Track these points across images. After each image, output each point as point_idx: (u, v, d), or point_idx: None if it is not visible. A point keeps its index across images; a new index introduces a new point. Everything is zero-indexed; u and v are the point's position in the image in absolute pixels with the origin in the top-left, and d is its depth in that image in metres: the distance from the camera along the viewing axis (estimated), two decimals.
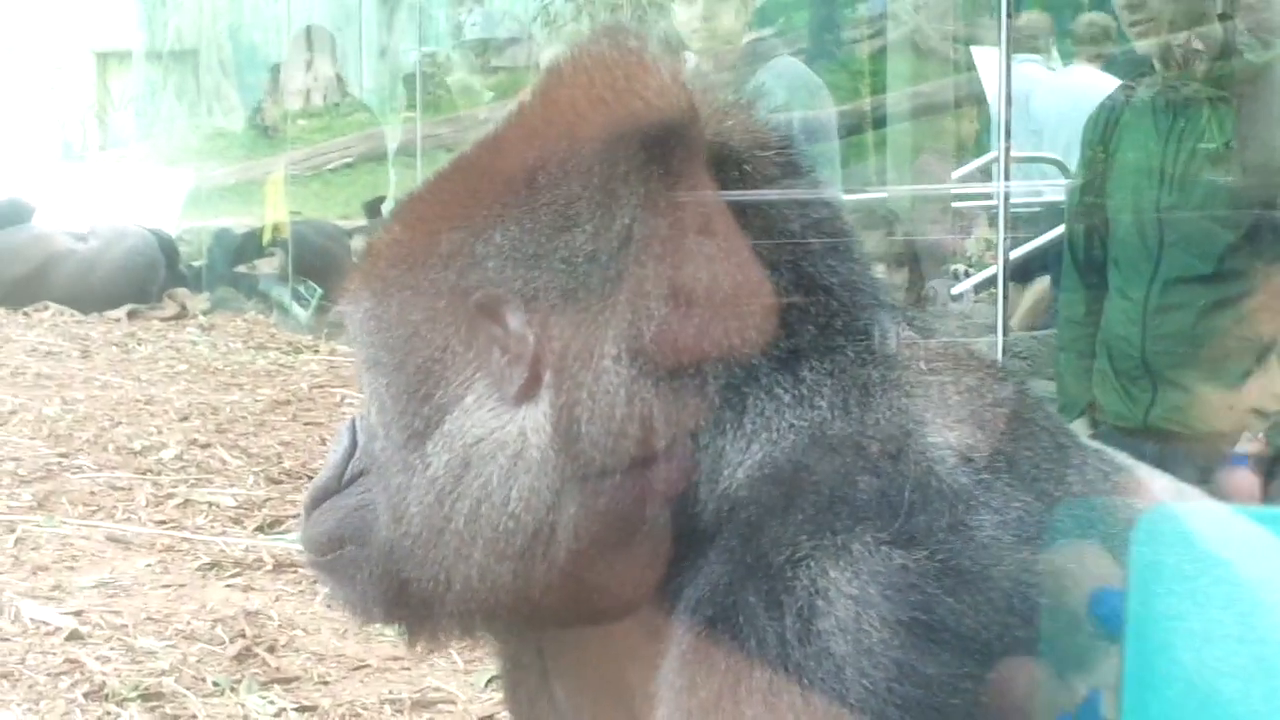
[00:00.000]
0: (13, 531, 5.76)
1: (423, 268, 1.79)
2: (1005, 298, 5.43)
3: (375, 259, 1.87)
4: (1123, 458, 1.96)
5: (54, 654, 4.50)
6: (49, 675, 4.33)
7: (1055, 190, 8.10)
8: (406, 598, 1.85)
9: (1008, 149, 5.56)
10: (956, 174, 8.80)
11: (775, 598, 1.60)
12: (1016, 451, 1.73)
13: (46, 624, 4.75)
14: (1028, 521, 1.67)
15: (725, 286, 1.75)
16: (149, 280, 13.13)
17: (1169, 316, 5.10)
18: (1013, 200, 6.30)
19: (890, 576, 1.58)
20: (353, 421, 1.94)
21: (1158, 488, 1.93)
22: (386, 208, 11.07)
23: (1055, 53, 9.78)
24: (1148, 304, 5.12)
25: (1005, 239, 5.50)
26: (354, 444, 1.93)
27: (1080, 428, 5.36)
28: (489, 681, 4.12)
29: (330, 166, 16.80)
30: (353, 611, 1.98)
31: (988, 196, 7.96)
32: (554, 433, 1.70)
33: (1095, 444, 1.96)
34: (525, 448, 1.72)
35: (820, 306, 1.83)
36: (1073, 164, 6.64)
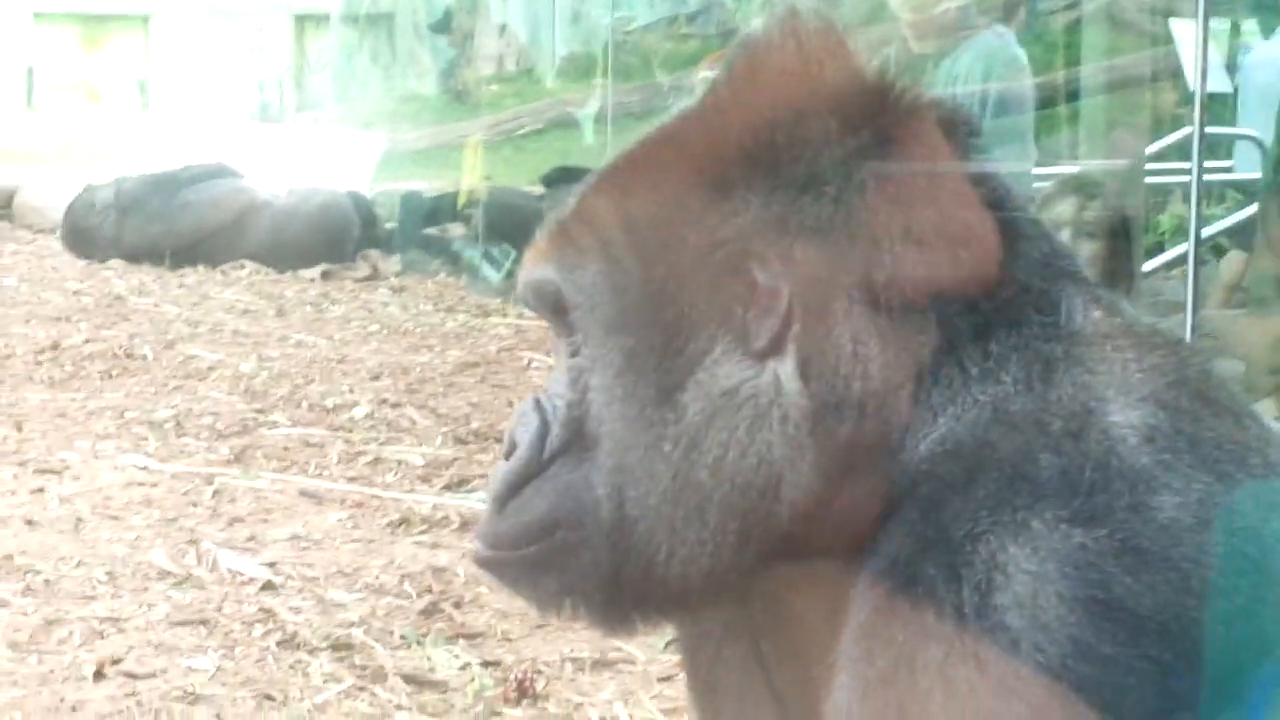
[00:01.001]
0: (210, 484, 5.94)
1: (663, 230, 1.81)
2: (1196, 276, 5.34)
3: (593, 223, 1.89)
4: None
5: (248, 603, 4.65)
6: (243, 623, 4.46)
7: (1251, 166, 7.97)
8: (625, 579, 1.84)
9: (1203, 124, 5.46)
10: (1151, 149, 8.65)
11: (954, 571, 1.62)
12: (1199, 432, 1.72)
13: (242, 574, 4.90)
14: (1208, 503, 1.67)
15: (940, 254, 1.78)
16: (342, 238, 13.39)
17: None
18: (1207, 177, 6.19)
19: (1069, 554, 1.58)
20: (537, 399, 1.91)
21: None
22: (574, 176, 11.13)
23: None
24: None
25: (1196, 217, 5.41)
26: (545, 423, 1.89)
27: (1268, 408, 5.27)
28: (668, 644, 4.16)
29: (521, 132, 16.95)
30: (556, 605, 1.92)
31: (1182, 173, 7.82)
32: (803, 383, 1.74)
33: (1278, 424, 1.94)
34: (776, 398, 1.74)
35: (1010, 279, 1.85)
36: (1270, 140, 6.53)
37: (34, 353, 8.54)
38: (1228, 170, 9.50)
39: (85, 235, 13.51)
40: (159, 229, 13.13)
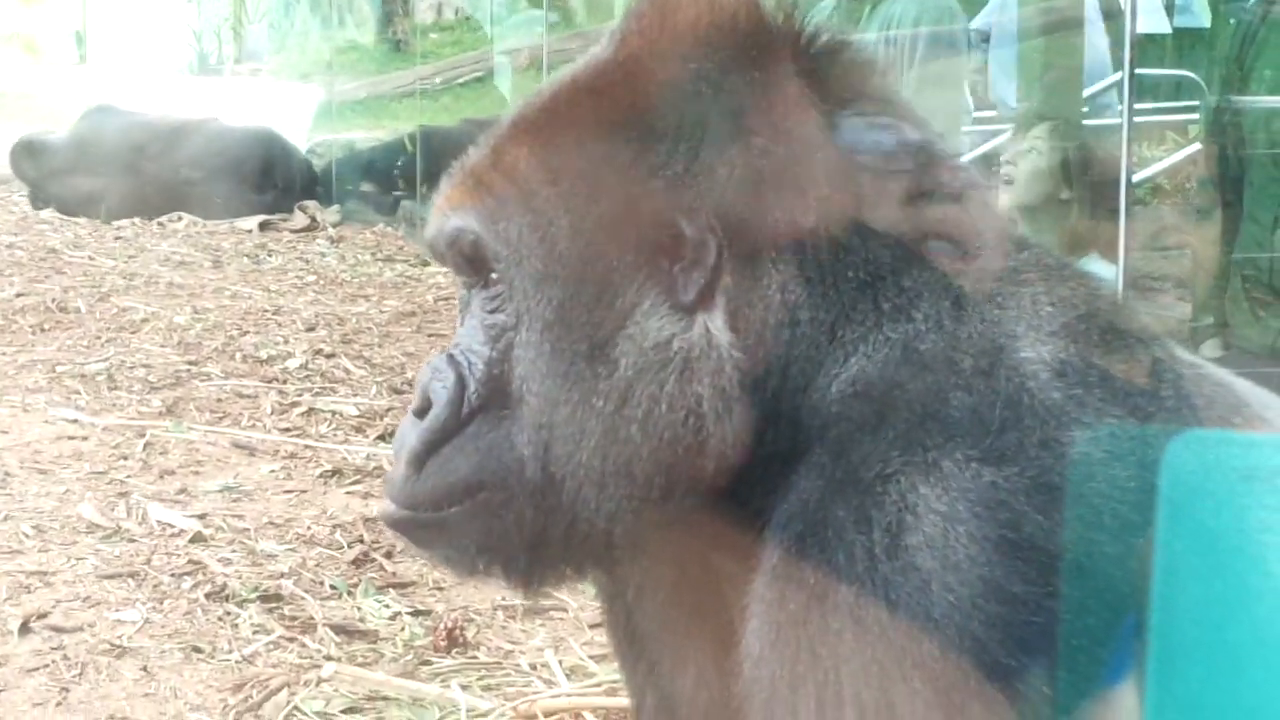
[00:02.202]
0: (142, 436, 5.89)
1: (590, 182, 1.81)
2: (1127, 218, 5.34)
3: (512, 173, 1.85)
4: (1223, 373, 1.93)
5: (178, 555, 4.61)
6: (173, 575, 4.43)
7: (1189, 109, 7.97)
8: (549, 537, 1.84)
9: (1133, 67, 5.45)
10: (1087, 92, 8.63)
11: (864, 513, 1.62)
12: (1110, 365, 1.72)
13: (171, 526, 4.86)
14: (1121, 437, 1.66)
15: (859, 194, 1.80)
16: (276, 162, 13.43)
17: None
18: (1141, 120, 6.19)
19: (979, 494, 1.59)
20: (450, 355, 1.89)
21: (1257, 403, 1.91)
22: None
23: None
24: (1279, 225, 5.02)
25: (1127, 159, 5.41)
26: (461, 379, 1.87)
27: (1212, 349, 5.29)
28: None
29: (461, 80, 16.82)
30: (476, 567, 1.93)
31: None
32: (733, 334, 1.74)
33: (1193, 358, 1.94)
34: (706, 350, 1.75)
35: (923, 216, 1.85)
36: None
37: None
38: (1177, 112, 9.49)
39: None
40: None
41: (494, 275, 1.86)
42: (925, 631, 1.58)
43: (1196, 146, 7.08)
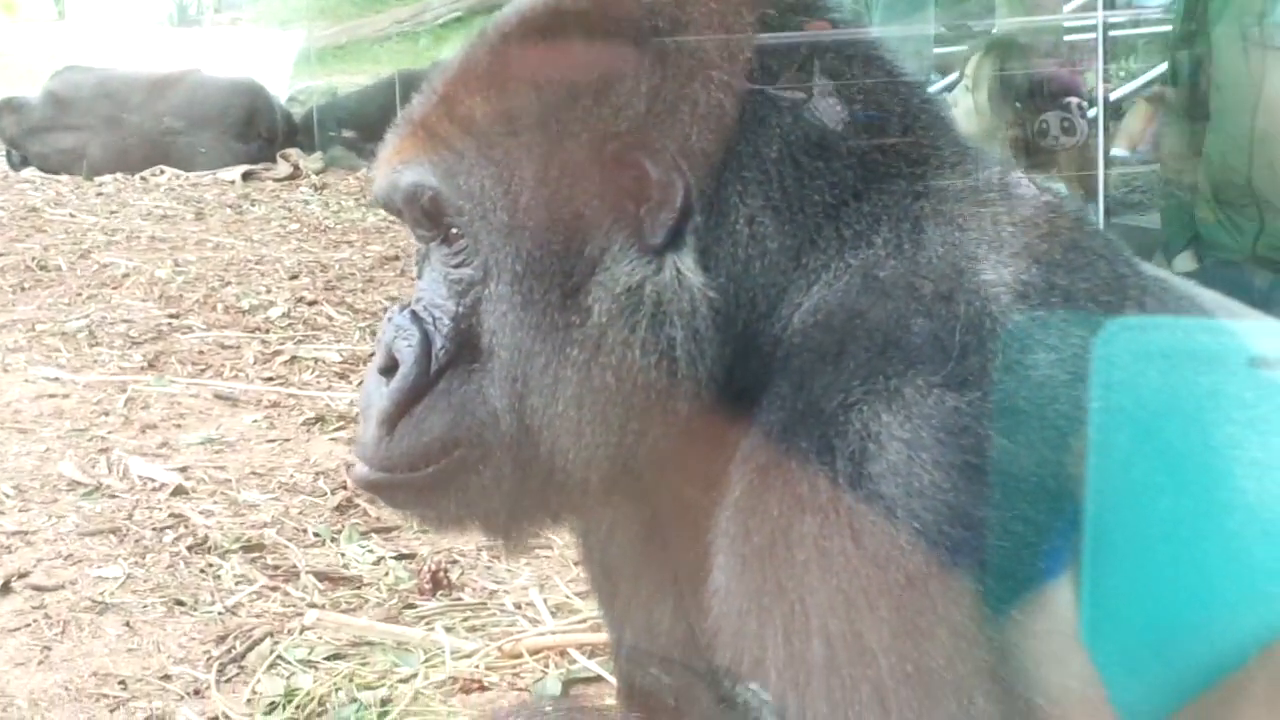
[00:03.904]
0: (123, 391, 5.86)
1: (550, 127, 1.77)
2: (1105, 131, 5.30)
3: (466, 123, 1.81)
4: (1189, 286, 1.91)
5: (159, 509, 4.59)
6: (154, 530, 4.41)
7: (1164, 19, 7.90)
8: (528, 489, 1.82)
9: None
10: (1069, 6, 8.57)
11: (827, 442, 1.60)
12: (1073, 284, 1.69)
13: (153, 480, 4.83)
14: (1084, 358, 1.63)
15: (823, 121, 1.78)
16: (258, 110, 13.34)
17: (1276, 143, 4.94)
18: (1116, 32, 6.13)
19: (942, 419, 1.57)
20: (413, 311, 1.86)
21: (1224, 314, 1.88)
22: None
23: None
24: (1254, 131, 4.96)
25: (1103, 69, 5.36)
26: (426, 336, 1.83)
27: (1186, 260, 5.26)
28: None
29: (440, 21, 16.74)
30: (456, 524, 1.93)
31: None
32: (705, 273, 1.72)
33: (1158, 271, 1.91)
34: (678, 292, 1.73)
35: (884, 140, 1.83)
36: None
37: None
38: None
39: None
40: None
41: (455, 230, 1.83)
42: (890, 559, 1.56)
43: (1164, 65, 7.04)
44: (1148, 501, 1.51)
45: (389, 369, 1.85)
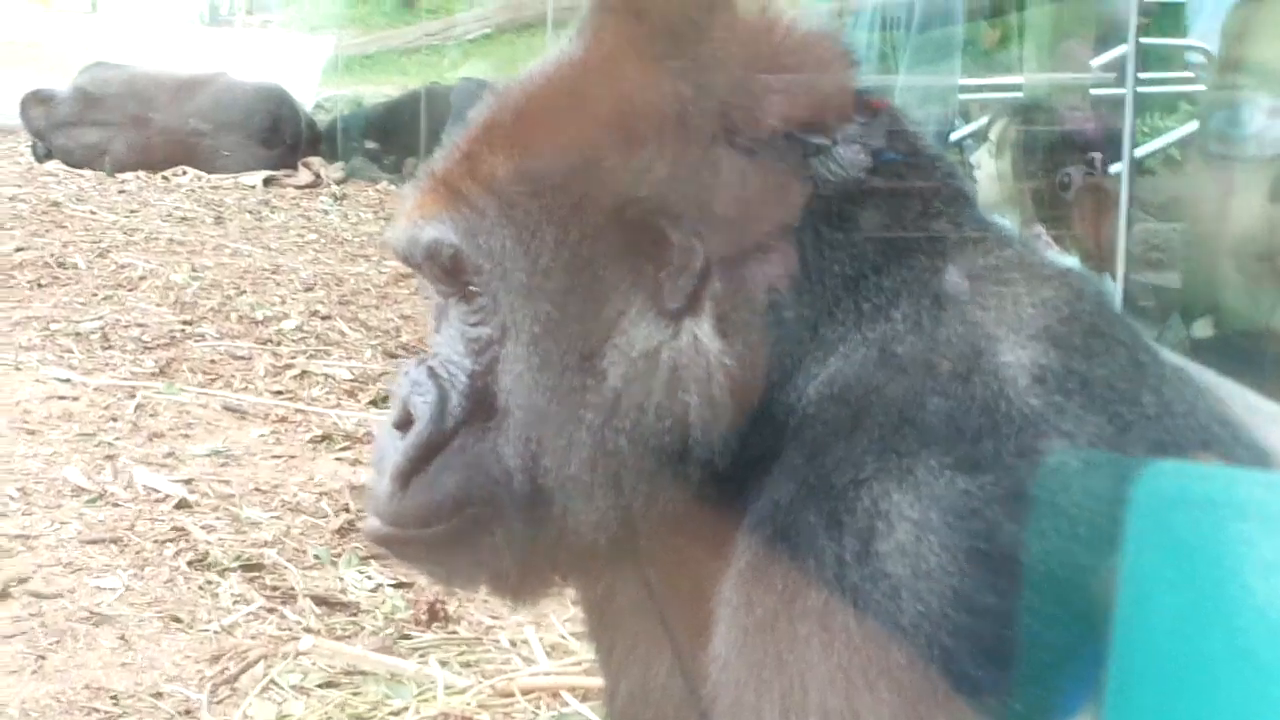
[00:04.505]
0: (133, 397, 5.86)
1: (572, 190, 1.77)
2: (1131, 191, 5.28)
3: (489, 181, 1.81)
4: (1207, 375, 1.89)
5: (162, 521, 4.59)
6: (155, 542, 4.40)
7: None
8: (538, 550, 1.82)
9: (1139, 34, 5.38)
10: (1096, 62, 8.55)
11: (836, 518, 1.59)
12: (1091, 370, 1.68)
13: (157, 491, 4.83)
14: (1099, 446, 1.62)
15: (844, 193, 1.78)
16: (283, 116, 13.36)
17: None
18: (1146, 90, 6.12)
19: (953, 502, 1.56)
20: (430, 367, 1.86)
21: (1238, 403, 1.86)
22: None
23: None
24: (1275, 199, 4.93)
25: (1131, 131, 5.34)
26: (443, 392, 1.83)
27: (1204, 327, 5.23)
28: None
29: (469, 37, 16.77)
30: (467, 582, 1.94)
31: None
32: (722, 340, 1.71)
33: (1178, 359, 1.90)
34: (695, 358, 1.72)
35: (902, 213, 1.82)
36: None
37: None
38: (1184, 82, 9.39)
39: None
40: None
41: (474, 288, 1.83)
42: (893, 640, 1.55)
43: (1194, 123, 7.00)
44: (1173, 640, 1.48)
45: (404, 424, 1.85)
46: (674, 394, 1.72)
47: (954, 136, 7.67)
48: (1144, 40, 5.71)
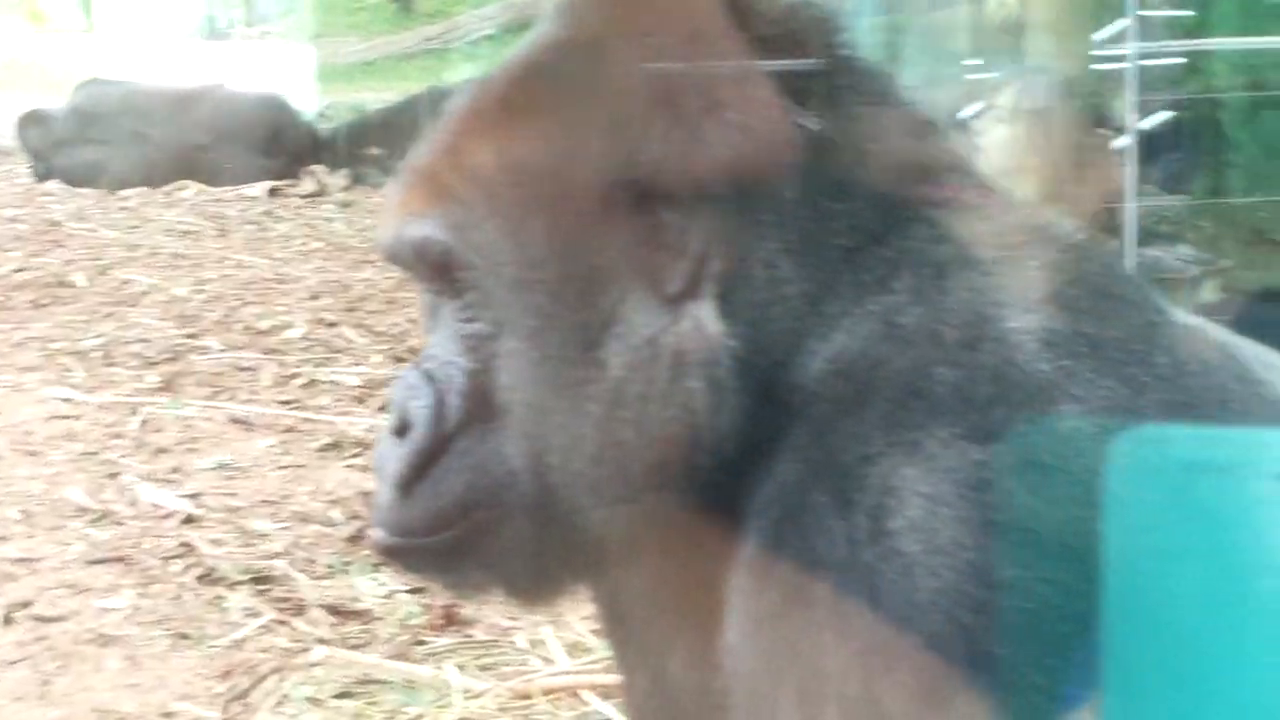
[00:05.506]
0: (136, 414, 5.81)
1: (560, 177, 1.72)
2: (1136, 163, 5.24)
3: (474, 174, 1.75)
4: (1221, 332, 1.84)
5: (168, 537, 4.52)
6: (161, 559, 4.35)
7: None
8: (548, 550, 1.77)
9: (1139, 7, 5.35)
10: (1100, 35, 8.50)
11: (846, 496, 1.54)
12: (1102, 333, 1.63)
13: (162, 507, 4.77)
14: (1113, 410, 1.56)
15: (840, 162, 1.73)
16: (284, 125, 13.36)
17: None
18: (1157, 61, 6.08)
19: (965, 473, 1.51)
20: (426, 370, 1.79)
21: (1254, 360, 1.80)
22: None
23: None
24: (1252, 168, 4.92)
25: (1135, 101, 5.30)
26: (440, 395, 1.77)
27: (1210, 292, 5.20)
28: None
29: (470, 39, 16.75)
30: (478, 589, 1.88)
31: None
32: (724, 322, 1.67)
33: (1191, 318, 1.84)
34: (697, 343, 1.67)
35: (903, 180, 1.78)
36: None
37: None
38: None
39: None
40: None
41: (465, 284, 1.77)
42: (910, 621, 1.50)
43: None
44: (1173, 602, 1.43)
45: (402, 430, 1.80)
46: (678, 380, 1.67)
47: (962, 114, 7.64)
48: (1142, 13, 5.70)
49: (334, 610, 4.00)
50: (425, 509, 1.77)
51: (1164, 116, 6.44)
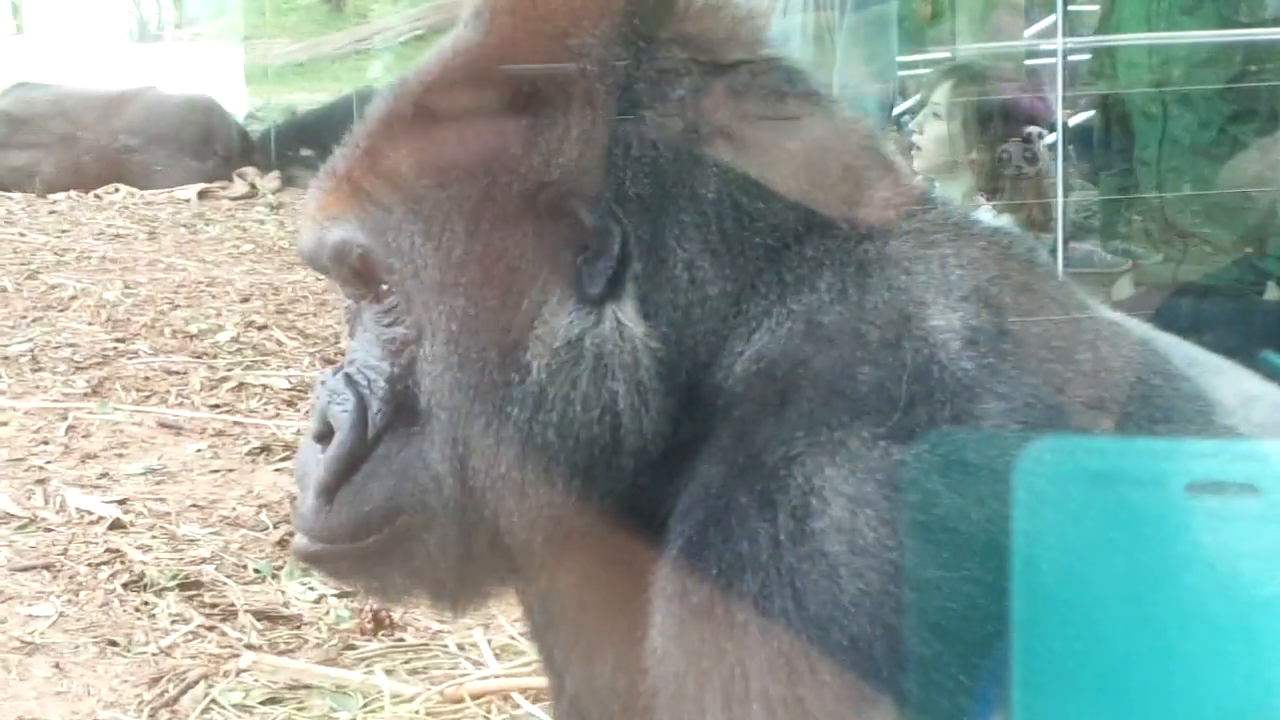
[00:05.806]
0: (64, 419, 5.75)
1: (479, 179, 1.71)
2: (1062, 158, 5.29)
3: (391, 176, 1.75)
4: (1142, 328, 1.85)
5: (96, 544, 4.49)
6: (89, 566, 4.31)
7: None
8: (473, 555, 1.76)
9: (1066, 3, 5.40)
10: (1029, 32, 8.55)
11: (768, 498, 1.55)
12: (1024, 330, 1.63)
13: (90, 513, 4.73)
14: (1036, 407, 1.56)
15: (758, 162, 1.73)
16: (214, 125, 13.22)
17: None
18: (1076, 57, 6.13)
19: (888, 473, 1.51)
20: (347, 374, 1.78)
21: (1177, 356, 1.81)
22: None
23: None
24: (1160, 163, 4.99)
25: (1061, 96, 5.34)
26: (362, 399, 1.75)
27: (1125, 287, 5.26)
28: None
29: (401, 39, 16.68)
30: (402, 595, 1.88)
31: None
32: (646, 323, 1.67)
33: (1113, 314, 1.85)
34: (619, 344, 1.67)
35: (822, 179, 1.78)
36: None
37: None
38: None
39: None
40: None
41: (386, 287, 1.76)
42: (834, 621, 1.51)
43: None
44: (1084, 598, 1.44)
45: (324, 435, 1.79)
46: (601, 382, 1.66)
47: (895, 111, 7.67)
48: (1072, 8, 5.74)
49: (263, 615, 3.98)
50: (348, 515, 1.77)
51: (1090, 112, 6.51)
